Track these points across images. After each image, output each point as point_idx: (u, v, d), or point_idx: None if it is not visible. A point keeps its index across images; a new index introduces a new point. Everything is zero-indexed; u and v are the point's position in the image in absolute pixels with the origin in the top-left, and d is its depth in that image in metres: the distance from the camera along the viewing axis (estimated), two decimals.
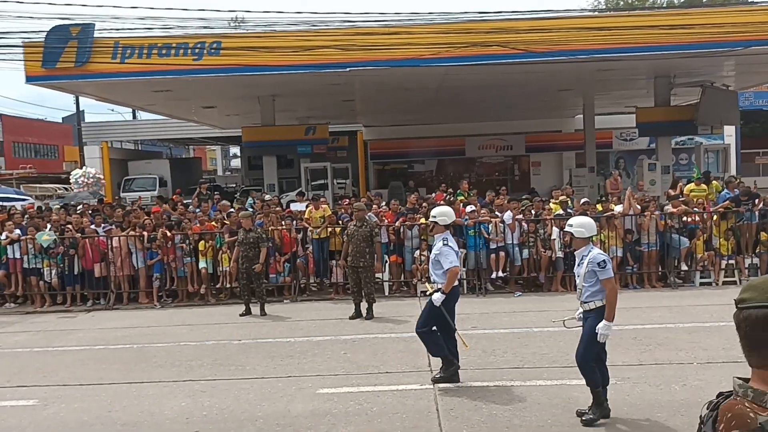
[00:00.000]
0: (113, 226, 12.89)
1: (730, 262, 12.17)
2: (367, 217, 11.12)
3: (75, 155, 37.20)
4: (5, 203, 16.62)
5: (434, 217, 7.26)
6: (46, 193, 29.13)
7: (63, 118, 50.91)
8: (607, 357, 5.92)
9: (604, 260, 5.74)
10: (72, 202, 21.42)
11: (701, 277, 12.14)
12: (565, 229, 6.12)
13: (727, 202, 12.73)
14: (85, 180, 21.33)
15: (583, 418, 5.78)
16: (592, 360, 5.81)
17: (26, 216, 14.15)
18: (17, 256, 12.50)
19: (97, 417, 6.46)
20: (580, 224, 5.97)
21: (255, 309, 10.94)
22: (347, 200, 15.25)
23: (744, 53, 14.32)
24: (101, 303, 12.39)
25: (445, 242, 6.96)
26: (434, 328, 6.99)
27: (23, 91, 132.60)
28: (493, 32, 14.19)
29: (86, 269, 12.39)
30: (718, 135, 24.51)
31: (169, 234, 12.22)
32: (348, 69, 14.61)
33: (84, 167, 22.48)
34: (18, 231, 12.68)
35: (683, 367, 7.25)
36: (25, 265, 12.51)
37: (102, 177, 22.46)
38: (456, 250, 7.01)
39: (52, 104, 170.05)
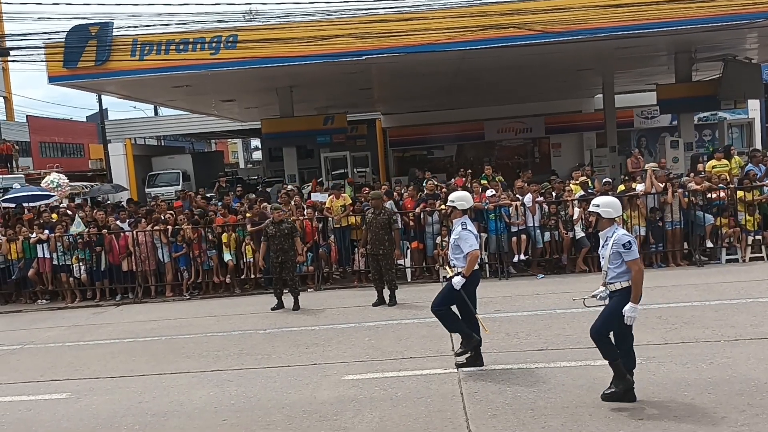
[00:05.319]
0: (137, 220, 13.11)
1: (757, 237, 11.99)
2: (385, 205, 11.14)
3: (100, 153, 37.74)
4: (34, 203, 16.87)
5: (452, 201, 7.20)
6: (73, 191, 29.64)
7: (87, 117, 51.51)
8: (633, 339, 5.88)
9: (629, 241, 5.68)
10: (98, 197, 21.76)
11: (727, 254, 11.99)
12: (590, 210, 6.05)
13: (753, 172, 12.52)
14: (60, 182, 21.49)
15: (605, 392, 5.75)
16: (606, 334, 5.75)
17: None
18: (46, 255, 12.79)
19: (128, 408, 6.61)
20: (607, 204, 5.90)
21: (286, 301, 10.80)
22: (366, 189, 15.27)
23: (767, 24, 14.00)
24: (129, 297, 12.64)
25: (464, 226, 6.96)
26: (452, 307, 7.02)
27: (47, 92, 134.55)
28: (508, 14, 14.04)
29: (113, 264, 12.66)
30: (741, 109, 24.05)
31: (192, 231, 12.36)
32: (364, 57, 14.58)
33: (52, 173, 22.22)
34: (46, 231, 12.96)
35: (710, 345, 7.19)
36: (55, 263, 12.82)
37: (67, 180, 22.27)
38: (475, 233, 7.01)
39: (76, 103, 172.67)
